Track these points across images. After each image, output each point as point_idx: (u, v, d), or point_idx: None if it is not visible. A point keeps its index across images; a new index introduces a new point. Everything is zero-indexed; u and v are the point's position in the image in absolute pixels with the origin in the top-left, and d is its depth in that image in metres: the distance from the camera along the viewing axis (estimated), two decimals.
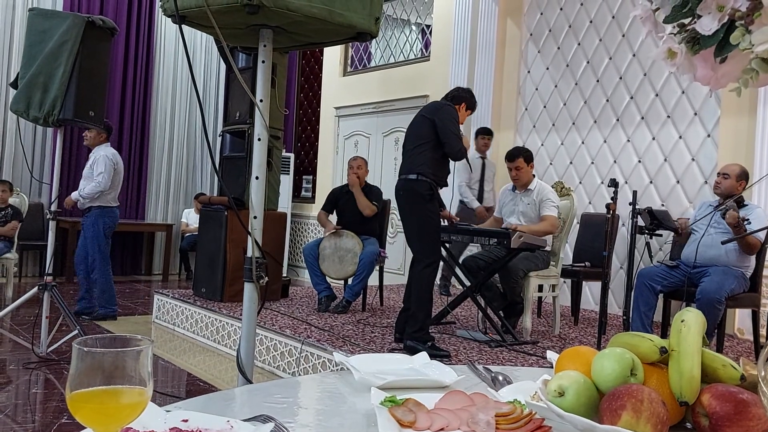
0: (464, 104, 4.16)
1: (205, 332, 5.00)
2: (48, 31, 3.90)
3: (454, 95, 4.18)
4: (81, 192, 5.18)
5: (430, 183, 3.84)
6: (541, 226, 4.31)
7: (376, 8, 1.98)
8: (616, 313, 5.55)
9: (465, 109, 4.18)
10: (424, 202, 3.82)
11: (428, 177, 3.83)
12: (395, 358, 1.23)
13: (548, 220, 4.35)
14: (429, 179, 3.83)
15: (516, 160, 4.45)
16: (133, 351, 0.65)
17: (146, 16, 8.51)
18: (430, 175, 3.85)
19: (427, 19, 7.77)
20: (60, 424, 3.00)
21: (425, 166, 3.85)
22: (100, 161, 5.19)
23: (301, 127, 9.45)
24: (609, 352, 0.84)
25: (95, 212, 5.20)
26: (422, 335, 3.76)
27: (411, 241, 3.92)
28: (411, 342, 3.74)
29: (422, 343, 3.71)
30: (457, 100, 4.15)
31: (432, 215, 3.85)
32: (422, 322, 3.77)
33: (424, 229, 3.84)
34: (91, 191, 5.14)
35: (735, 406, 0.76)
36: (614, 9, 5.99)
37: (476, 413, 0.85)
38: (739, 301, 4.08)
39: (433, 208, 3.85)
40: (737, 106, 5.02)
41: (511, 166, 4.49)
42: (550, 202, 4.38)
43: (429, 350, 3.63)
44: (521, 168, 4.44)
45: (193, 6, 1.80)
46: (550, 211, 4.36)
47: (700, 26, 0.81)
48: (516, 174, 4.47)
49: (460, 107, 4.13)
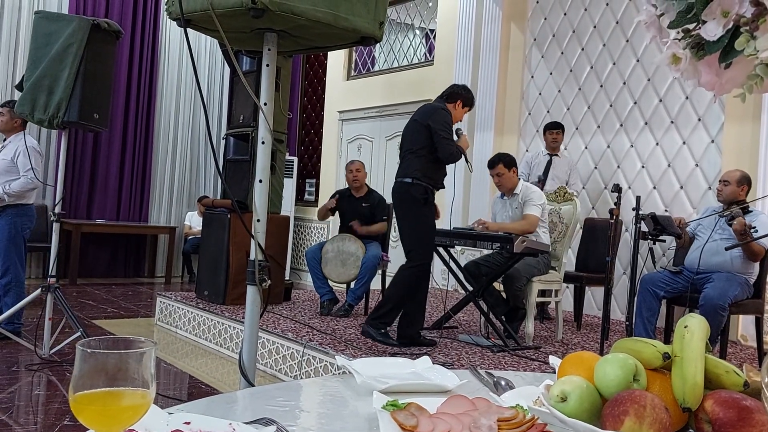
0: (460, 101, 4.15)
1: (208, 335, 5.00)
2: (53, 33, 3.91)
3: (450, 93, 4.17)
4: (6, 188, 4.40)
5: (425, 187, 3.90)
6: (519, 224, 4.27)
7: (381, 12, 1.98)
8: (618, 319, 5.53)
9: (462, 106, 4.16)
10: (419, 205, 3.89)
11: (423, 181, 3.90)
12: (398, 362, 1.23)
13: (527, 219, 4.30)
14: (424, 183, 3.90)
15: (496, 167, 4.42)
16: (136, 353, 0.65)
17: (151, 19, 8.54)
18: (425, 178, 3.91)
19: (431, 24, 7.78)
20: (62, 426, 3.00)
21: (420, 170, 3.92)
22: (29, 153, 4.43)
23: (304, 131, 9.46)
24: (612, 357, 0.84)
25: (11, 212, 4.49)
26: (377, 323, 3.91)
27: (403, 243, 3.99)
28: (365, 325, 3.95)
29: (375, 329, 3.89)
30: (452, 97, 4.15)
31: (425, 219, 3.92)
32: (385, 313, 3.91)
33: (416, 232, 3.92)
34: (21, 188, 4.43)
35: (738, 413, 0.76)
36: (618, 14, 5.99)
37: (478, 418, 0.85)
38: (743, 308, 4.07)
39: (427, 211, 3.92)
40: (741, 112, 5.01)
41: (492, 173, 4.47)
42: (531, 202, 4.34)
43: (380, 337, 3.87)
44: (502, 174, 4.42)
45: (198, 9, 1.80)
46: (531, 210, 4.32)
47: (704, 32, 0.81)
48: (498, 181, 4.45)
49: (456, 105, 4.13)
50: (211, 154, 9.10)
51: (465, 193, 6.92)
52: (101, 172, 8.24)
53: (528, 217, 4.30)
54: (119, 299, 6.72)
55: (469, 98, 4.21)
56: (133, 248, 8.57)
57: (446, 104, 4.13)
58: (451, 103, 4.13)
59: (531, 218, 4.30)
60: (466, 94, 4.20)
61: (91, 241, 8.11)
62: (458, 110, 4.15)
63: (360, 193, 5.36)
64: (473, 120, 6.97)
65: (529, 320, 4.28)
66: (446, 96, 4.17)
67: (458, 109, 4.14)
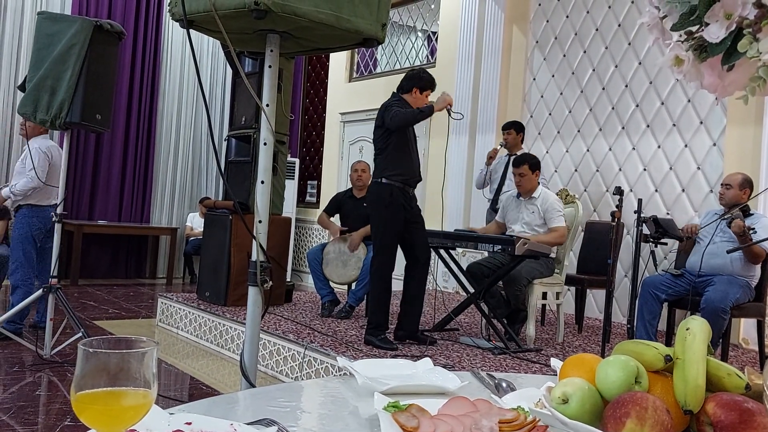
0: (416, 89, 4.05)
1: (209, 336, 5.00)
2: (56, 34, 3.92)
3: (408, 78, 4.09)
4: (12, 188, 4.59)
5: (391, 186, 3.98)
6: (550, 237, 4.32)
7: (383, 14, 1.98)
8: (620, 322, 5.52)
9: (420, 92, 4.05)
10: (383, 206, 4.00)
11: (390, 179, 3.99)
12: (399, 364, 1.23)
13: (558, 231, 4.35)
14: (391, 182, 3.99)
15: (521, 167, 4.45)
16: (138, 353, 0.65)
17: (154, 20, 8.56)
18: (393, 176, 3.99)
19: (433, 26, 7.78)
20: (63, 427, 3.00)
21: (386, 168, 4.01)
22: (33, 155, 4.58)
23: (306, 133, 9.47)
24: (613, 359, 0.84)
25: (24, 212, 4.65)
26: (375, 331, 4.01)
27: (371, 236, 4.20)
28: (366, 336, 4.06)
29: (375, 337, 3.99)
30: (407, 86, 4.07)
31: (385, 220, 4.01)
32: (377, 319, 4.02)
33: (378, 231, 4.08)
34: (23, 188, 4.55)
35: (740, 415, 0.76)
36: (620, 17, 5.99)
37: (480, 419, 0.85)
38: (745, 311, 4.06)
39: (387, 213, 4.00)
40: (744, 115, 5.01)
41: (515, 171, 4.50)
42: (556, 212, 4.37)
43: (381, 343, 3.96)
44: (525, 175, 4.44)
45: (201, 11, 1.81)
46: (558, 222, 4.36)
47: (707, 34, 0.81)
48: (519, 180, 4.47)
49: (413, 93, 4.04)
50: (213, 155, 9.11)
51: (466, 195, 6.92)
52: (103, 173, 8.25)
53: (558, 229, 4.36)
54: (120, 300, 6.72)
55: (427, 81, 4.07)
56: (135, 249, 8.58)
57: (403, 95, 4.07)
58: (408, 92, 4.06)
59: (560, 230, 4.37)
60: (424, 76, 4.07)
61: (93, 242, 8.12)
62: (417, 97, 4.04)
63: (362, 194, 5.36)
64: (475, 122, 6.97)
65: (531, 323, 4.28)
66: (402, 86, 4.10)
67: (416, 96, 4.04)
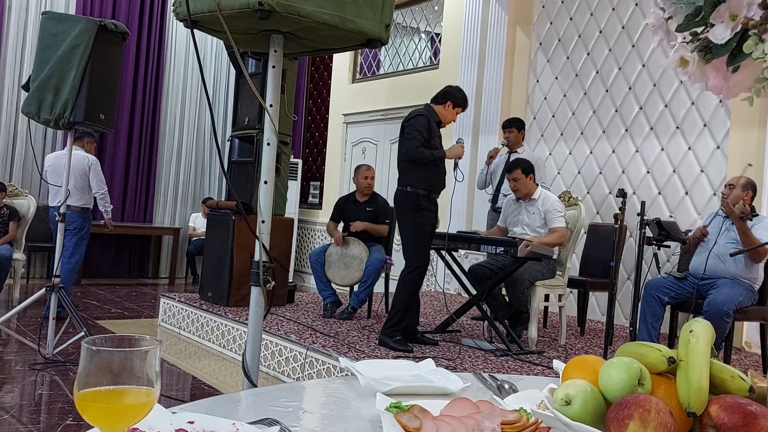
0: (451, 102, 4.16)
1: (211, 336, 5.00)
2: (60, 34, 3.93)
3: (443, 93, 4.20)
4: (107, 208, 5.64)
5: (416, 194, 4.02)
6: (551, 238, 4.33)
7: (387, 15, 1.98)
8: (622, 324, 5.51)
9: (453, 107, 4.17)
10: (411, 212, 4.03)
11: (415, 187, 4.03)
12: (401, 365, 1.23)
13: (558, 232, 4.37)
14: (415, 190, 4.03)
15: (514, 172, 4.48)
16: (141, 351, 0.65)
17: (158, 20, 8.57)
18: (417, 184, 4.03)
19: (437, 28, 7.78)
20: (65, 426, 3.00)
21: (411, 176, 4.05)
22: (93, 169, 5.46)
23: (309, 134, 9.47)
24: (617, 361, 0.84)
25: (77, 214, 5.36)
26: (391, 331, 4.02)
27: (402, 247, 4.16)
28: (382, 336, 4.06)
29: (390, 337, 3.99)
30: (443, 98, 4.18)
31: (418, 225, 4.03)
32: (397, 321, 4.02)
33: (411, 237, 4.06)
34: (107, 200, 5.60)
35: (743, 418, 0.75)
36: (624, 19, 5.98)
37: (482, 421, 0.84)
38: (748, 314, 4.05)
39: (419, 217, 4.02)
40: (747, 118, 5.00)
41: (509, 177, 4.53)
42: (557, 212, 4.38)
43: (396, 345, 3.97)
44: (518, 179, 4.46)
45: (205, 11, 1.81)
46: (558, 222, 4.38)
47: (712, 35, 0.81)
48: (514, 185, 4.51)
49: (446, 105, 4.16)
50: (216, 155, 9.12)
51: (469, 196, 6.92)
52: (106, 173, 8.20)
53: (558, 230, 4.38)
54: (123, 300, 6.73)
55: (461, 99, 4.22)
56: (138, 249, 8.59)
57: (435, 105, 4.18)
58: (441, 104, 4.16)
59: (561, 230, 4.39)
60: (458, 95, 4.21)
61: (96, 242, 8.11)
62: (449, 111, 4.16)
63: (365, 198, 5.36)
64: (478, 124, 6.97)
65: (533, 325, 4.27)
66: (438, 97, 4.21)
67: (449, 110, 4.16)
